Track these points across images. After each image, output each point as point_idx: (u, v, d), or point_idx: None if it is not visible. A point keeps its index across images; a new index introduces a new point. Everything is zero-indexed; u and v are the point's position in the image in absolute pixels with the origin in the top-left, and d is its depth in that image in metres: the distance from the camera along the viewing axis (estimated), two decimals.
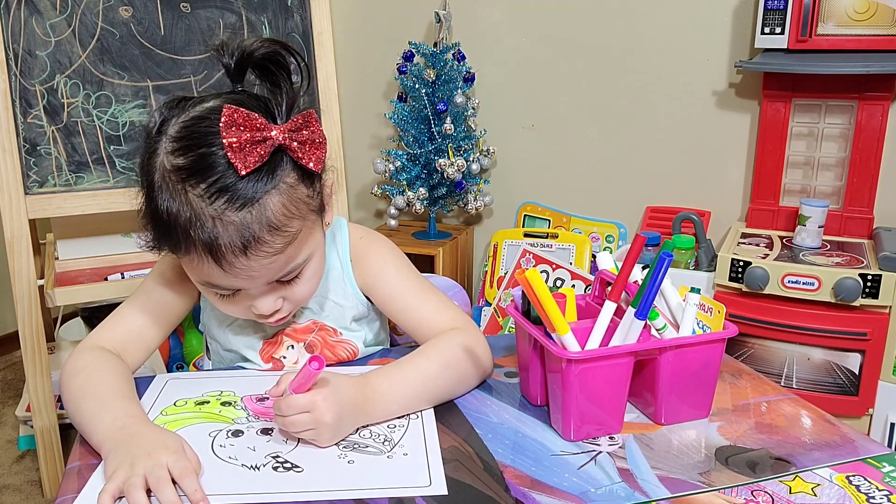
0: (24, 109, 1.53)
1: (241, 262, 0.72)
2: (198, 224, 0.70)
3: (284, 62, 0.77)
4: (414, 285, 0.90)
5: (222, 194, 0.70)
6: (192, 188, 0.70)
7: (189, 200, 0.70)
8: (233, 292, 0.78)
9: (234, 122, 0.69)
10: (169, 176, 0.71)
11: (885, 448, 0.71)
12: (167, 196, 0.71)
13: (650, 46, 1.93)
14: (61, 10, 1.55)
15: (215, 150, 0.70)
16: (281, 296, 0.80)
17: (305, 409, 0.69)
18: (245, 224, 0.70)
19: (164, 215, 0.72)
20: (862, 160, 1.69)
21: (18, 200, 1.53)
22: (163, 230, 0.74)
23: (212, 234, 0.70)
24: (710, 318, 0.76)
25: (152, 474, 0.62)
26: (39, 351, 1.57)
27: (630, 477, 0.66)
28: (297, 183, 0.74)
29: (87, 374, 0.77)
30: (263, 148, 0.70)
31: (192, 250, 0.72)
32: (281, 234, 0.73)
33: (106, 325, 0.85)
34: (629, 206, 2.04)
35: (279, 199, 0.72)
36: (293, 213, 0.74)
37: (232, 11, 1.70)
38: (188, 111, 0.74)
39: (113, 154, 1.61)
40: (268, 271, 0.75)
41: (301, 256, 0.78)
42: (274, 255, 0.73)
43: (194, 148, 0.71)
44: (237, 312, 0.82)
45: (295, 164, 0.74)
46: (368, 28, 2.24)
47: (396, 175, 2.03)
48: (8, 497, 1.68)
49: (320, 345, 0.90)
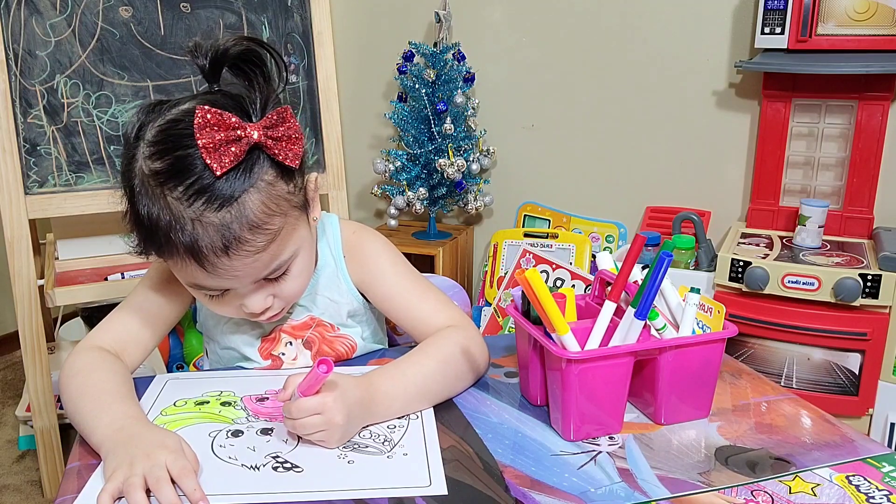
0: (24, 109, 1.53)
1: (224, 263, 0.72)
2: (178, 227, 0.70)
3: (260, 59, 0.77)
4: (411, 283, 0.90)
5: (200, 195, 0.69)
6: (171, 191, 0.70)
7: (168, 204, 0.70)
8: (221, 292, 0.78)
9: (207, 122, 0.69)
10: (148, 181, 0.71)
11: (884, 448, 0.71)
12: (147, 201, 0.71)
13: (650, 46, 1.93)
14: (61, 10, 1.55)
15: (191, 153, 0.69)
16: (270, 293, 0.80)
17: (316, 411, 0.69)
18: (225, 224, 0.70)
19: (145, 220, 0.72)
20: (862, 160, 1.69)
21: (18, 200, 1.53)
22: (146, 234, 0.74)
23: (192, 236, 0.70)
24: (709, 318, 0.75)
25: (151, 474, 0.62)
26: (39, 351, 1.57)
27: (630, 477, 0.66)
28: (275, 180, 0.74)
29: (86, 374, 0.77)
30: (238, 147, 0.70)
31: (175, 253, 0.72)
32: (262, 232, 0.73)
33: (103, 326, 0.85)
34: (629, 206, 2.04)
35: (258, 196, 0.72)
36: (273, 210, 0.74)
37: (232, 11, 1.70)
38: (164, 115, 0.74)
39: (113, 154, 1.61)
40: (252, 270, 0.75)
41: (286, 253, 0.77)
42: (256, 253, 0.73)
43: (170, 151, 0.71)
44: (229, 312, 0.82)
45: (272, 161, 0.73)
46: (368, 28, 2.24)
47: (396, 175, 2.03)
48: (8, 497, 1.68)
49: (318, 340, 0.90)
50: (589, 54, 2.00)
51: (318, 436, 0.70)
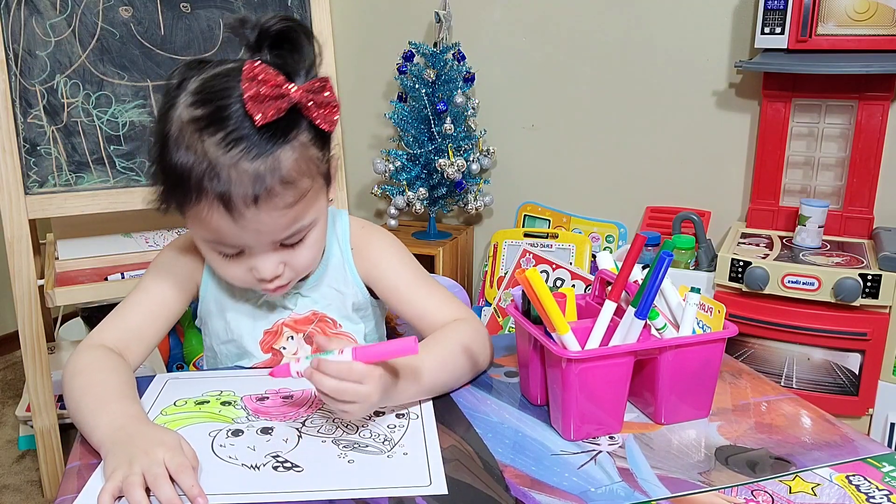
0: (24, 109, 1.53)
1: (252, 214, 0.73)
2: (213, 173, 0.72)
3: (301, 37, 0.79)
4: (418, 277, 0.92)
5: (238, 143, 0.71)
6: (210, 137, 0.72)
7: (205, 150, 0.72)
8: (236, 253, 0.79)
9: (254, 76, 0.71)
10: (186, 127, 0.73)
11: (885, 448, 0.71)
12: (182, 148, 0.73)
13: (650, 46, 1.93)
14: (61, 10, 1.55)
15: (233, 103, 0.72)
16: (283, 260, 0.81)
17: (362, 379, 0.69)
18: (259, 174, 0.72)
19: (177, 168, 0.73)
20: (862, 160, 1.69)
21: (18, 200, 1.53)
22: (175, 183, 0.74)
23: (226, 183, 0.72)
24: (710, 317, 0.76)
25: (150, 472, 0.62)
26: (39, 351, 1.57)
27: (630, 476, 0.66)
28: (309, 143, 0.77)
29: (89, 373, 0.77)
30: (280, 103, 0.72)
31: (205, 201, 0.73)
32: (292, 188, 0.75)
33: (107, 324, 0.86)
34: (629, 206, 2.04)
35: (292, 154, 0.74)
36: (304, 170, 0.76)
37: (232, 11, 1.69)
38: (208, 70, 0.77)
39: (113, 154, 1.61)
40: (276, 227, 0.76)
41: (307, 218, 0.79)
42: (284, 208, 0.75)
43: (213, 100, 0.73)
44: (238, 276, 0.82)
45: (309, 124, 0.76)
46: (368, 28, 2.24)
47: (396, 175, 2.03)
48: (8, 497, 1.68)
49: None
50: (589, 54, 2.00)
51: (349, 406, 0.70)
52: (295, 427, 0.74)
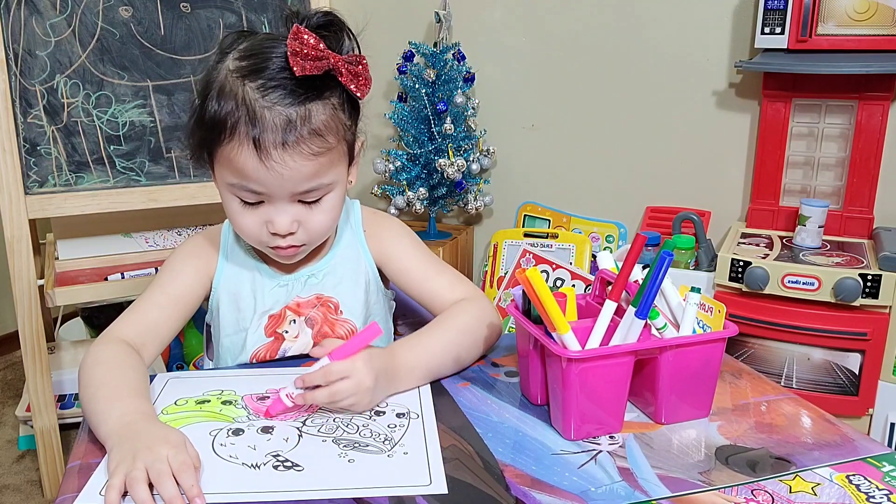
0: (24, 109, 1.53)
1: (279, 157, 0.77)
2: (249, 114, 0.77)
3: (340, 29, 0.85)
4: (428, 259, 0.96)
5: (276, 89, 0.77)
6: (251, 82, 0.78)
7: (245, 93, 0.78)
8: (257, 201, 0.81)
9: (300, 37, 0.77)
10: (230, 75, 0.79)
11: (885, 448, 0.71)
12: (224, 94, 0.79)
13: (650, 46, 1.93)
14: (61, 10, 1.55)
15: (277, 57, 0.78)
16: (299, 218, 0.83)
17: (345, 374, 0.73)
18: (291, 120, 0.77)
19: (217, 113, 0.79)
20: (862, 160, 1.69)
21: (18, 200, 1.53)
22: (212, 122, 0.79)
23: (260, 122, 0.77)
24: (710, 317, 0.76)
25: (153, 467, 0.62)
26: (39, 351, 1.57)
27: (630, 476, 0.66)
28: (340, 107, 0.82)
29: (106, 367, 0.79)
30: (320, 63, 0.78)
31: (237, 138, 0.77)
32: (320, 139, 0.79)
33: (126, 318, 0.87)
34: (629, 206, 2.04)
35: (324, 110, 0.80)
36: (332, 128, 0.81)
37: (232, 11, 1.70)
38: (257, 37, 0.83)
39: (113, 154, 1.61)
40: (299, 176, 0.79)
41: (328, 177, 0.82)
42: (309, 156, 0.79)
43: (258, 55, 0.80)
44: (253, 228, 0.84)
45: (343, 91, 0.82)
46: (368, 28, 2.23)
47: (396, 175, 2.03)
48: (8, 497, 1.68)
49: (320, 320, 0.92)
50: (589, 54, 2.00)
51: (348, 401, 0.74)
52: (295, 426, 0.74)
